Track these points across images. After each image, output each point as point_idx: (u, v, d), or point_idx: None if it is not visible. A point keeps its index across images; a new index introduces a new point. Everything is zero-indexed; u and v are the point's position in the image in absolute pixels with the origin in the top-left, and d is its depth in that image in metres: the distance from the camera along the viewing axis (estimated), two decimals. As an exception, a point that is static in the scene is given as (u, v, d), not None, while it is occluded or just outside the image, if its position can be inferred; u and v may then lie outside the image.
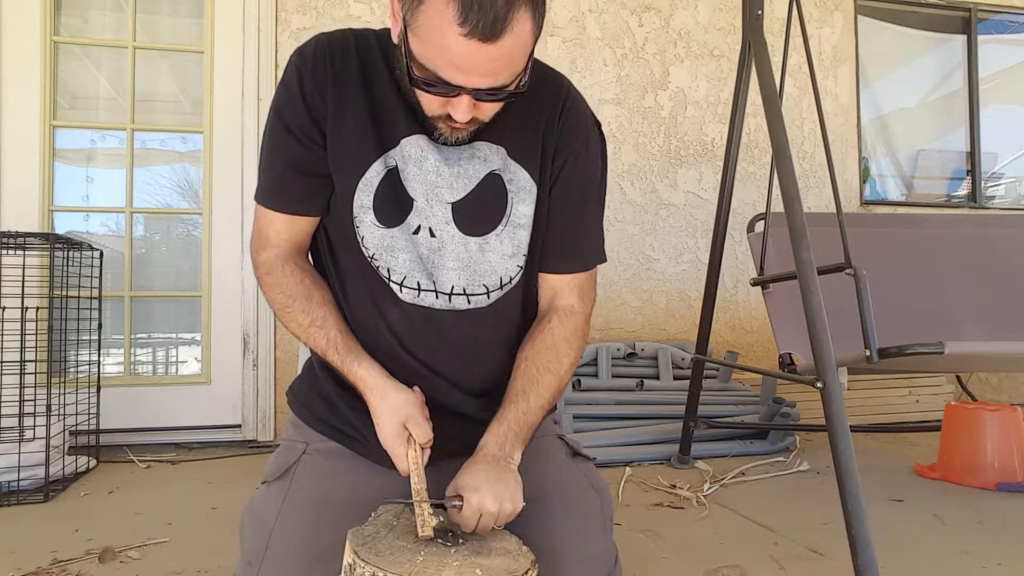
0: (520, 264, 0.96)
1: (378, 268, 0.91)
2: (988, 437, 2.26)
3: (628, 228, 3.26)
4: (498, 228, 0.93)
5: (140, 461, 2.53)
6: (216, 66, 2.86)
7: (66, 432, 2.28)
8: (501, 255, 0.94)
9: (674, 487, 2.18)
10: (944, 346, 1.73)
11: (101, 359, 2.57)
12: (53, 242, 2.20)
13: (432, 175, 0.90)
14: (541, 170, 0.96)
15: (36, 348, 2.18)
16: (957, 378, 3.34)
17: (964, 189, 3.85)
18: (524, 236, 0.95)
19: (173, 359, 3.02)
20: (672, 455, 2.51)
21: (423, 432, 0.85)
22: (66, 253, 2.31)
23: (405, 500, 0.83)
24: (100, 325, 2.53)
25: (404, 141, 0.90)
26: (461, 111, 0.81)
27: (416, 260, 0.91)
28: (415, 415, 0.85)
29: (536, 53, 0.84)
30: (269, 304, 0.95)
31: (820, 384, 1.49)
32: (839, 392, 1.47)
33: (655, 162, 3.30)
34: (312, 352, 0.95)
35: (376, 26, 0.95)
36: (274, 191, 0.93)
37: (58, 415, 2.20)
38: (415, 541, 0.76)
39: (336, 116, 0.90)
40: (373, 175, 0.90)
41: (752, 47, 2.00)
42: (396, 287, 0.91)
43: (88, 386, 2.47)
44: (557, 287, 1.01)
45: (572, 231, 1.00)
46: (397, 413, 0.85)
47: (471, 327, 0.93)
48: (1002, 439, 2.25)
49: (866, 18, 3.67)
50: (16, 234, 2.15)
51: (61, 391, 2.25)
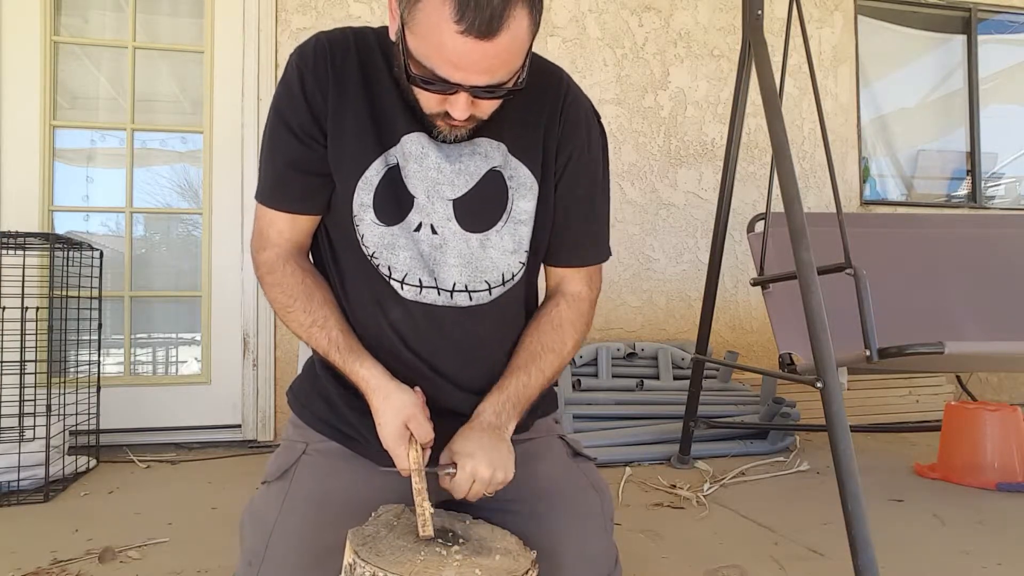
0: (522, 260, 0.96)
1: (378, 266, 0.91)
2: (988, 437, 2.26)
3: (628, 228, 3.26)
4: (499, 224, 0.93)
5: (140, 461, 2.53)
6: (216, 66, 2.86)
7: (66, 432, 2.28)
8: (502, 251, 0.94)
9: (674, 487, 2.18)
10: (944, 346, 1.73)
11: (101, 359, 2.57)
12: (53, 242, 2.20)
13: (433, 172, 0.90)
14: (543, 166, 0.96)
15: (36, 348, 2.18)
16: (957, 378, 3.34)
17: (964, 189, 3.85)
18: (525, 232, 0.95)
19: (173, 359, 3.02)
20: (672, 455, 2.51)
21: (425, 432, 0.85)
22: (66, 253, 2.31)
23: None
24: (100, 325, 2.53)
25: (404, 138, 0.90)
26: (459, 109, 0.81)
27: (417, 257, 0.91)
28: (417, 415, 0.85)
29: (535, 53, 0.84)
30: (270, 304, 0.95)
31: (820, 384, 1.49)
32: (839, 392, 1.47)
33: (655, 162, 3.30)
34: (313, 352, 0.95)
35: (376, 26, 0.95)
36: (275, 190, 0.93)
37: (58, 415, 2.20)
38: (415, 541, 0.77)
39: (336, 115, 0.90)
40: (373, 173, 0.90)
41: (752, 47, 2.00)
42: (397, 285, 0.91)
43: (88, 386, 2.47)
44: (565, 275, 1.03)
45: (581, 225, 1.01)
46: (399, 413, 0.85)
47: (473, 324, 0.93)
48: (1002, 439, 2.25)
49: (866, 18, 3.67)
50: (16, 234, 2.15)
51: (61, 391, 2.25)
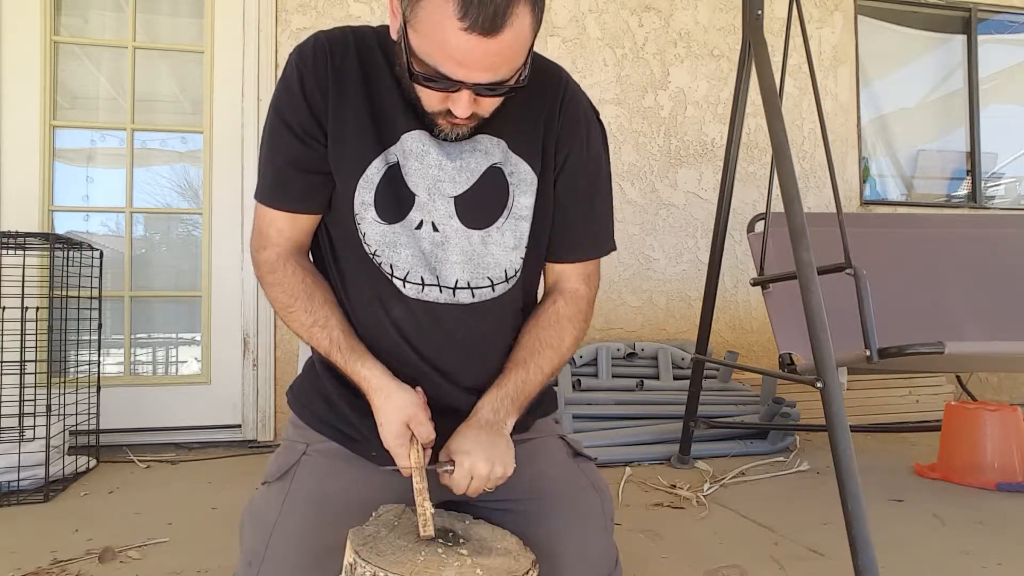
0: (522, 256, 0.96)
1: (380, 265, 0.91)
2: (988, 437, 2.26)
3: (628, 228, 3.26)
4: (499, 221, 0.94)
5: (140, 461, 2.53)
6: (216, 66, 2.86)
7: (66, 432, 2.28)
8: (503, 247, 0.94)
9: (674, 487, 2.18)
10: (944, 346, 1.73)
11: (101, 359, 2.57)
12: (53, 242, 2.20)
13: (434, 169, 0.91)
14: (543, 162, 0.96)
15: (36, 348, 2.18)
16: (957, 378, 3.34)
17: (964, 189, 3.85)
18: (525, 228, 0.95)
19: (173, 359, 3.02)
20: (672, 455, 2.51)
21: (426, 432, 0.85)
22: (66, 253, 2.31)
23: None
24: (100, 325, 2.53)
25: (405, 136, 0.90)
26: (461, 106, 0.81)
27: (419, 255, 0.91)
28: (418, 415, 0.85)
29: (536, 52, 0.84)
30: (271, 304, 0.95)
31: (820, 384, 1.49)
32: (839, 392, 1.47)
33: (655, 162, 3.30)
34: (314, 352, 0.95)
35: (375, 25, 0.95)
36: (275, 189, 0.93)
37: (58, 415, 2.20)
38: (416, 541, 0.77)
39: (336, 114, 0.90)
40: (374, 172, 0.90)
41: (752, 47, 2.00)
42: (399, 283, 0.91)
43: (88, 386, 2.47)
44: (563, 272, 1.03)
45: (582, 222, 1.01)
46: (400, 413, 0.85)
47: (475, 321, 0.93)
48: (1002, 439, 2.25)
49: (866, 18, 3.67)
50: (16, 234, 2.15)
51: (61, 391, 2.25)
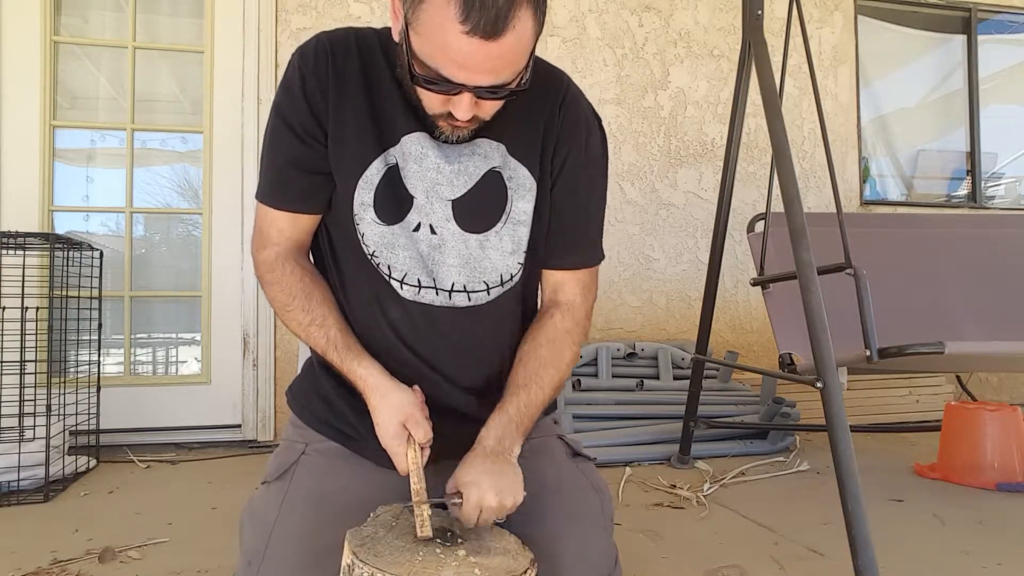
0: (520, 261, 0.96)
1: (378, 265, 0.91)
2: (988, 437, 2.26)
3: (628, 228, 3.26)
4: (498, 225, 0.93)
5: (140, 461, 2.53)
6: (216, 66, 2.86)
7: (66, 432, 2.28)
8: (501, 252, 0.94)
9: (674, 487, 2.18)
10: (944, 346, 1.73)
11: (101, 359, 2.57)
12: (53, 242, 2.20)
13: (432, 172, 0.90)
14: (541, 167, 0.96)
15: (36, 348, 2.18)
16: (957, 378, 3.34)
17: (964, 189, 3.85)
18: (524, 233, 0.95)
19: (173, 359, 3.02)
20: (672, 455, 2.51)
21: (423, 432, 0.85)
22: (66, 253, 2.31)
23: (404, 502, 0.83)
24: (100, 325, 2.53)
25: (405, 139, 0.90)
26: (462, 109, 0.81)
27: (416, 257, 0.91)
28: (415, 414, 0.85)
29: (536, 53, 0.84)
30: (269, 302, 0.95)
31: (820, 384, 1.49)
32: (839, 392, 1.47)
33: (655, 162, 3.30)
34: (312, 351, 0.95)
35: (376, 26, 0.95)
36: (275, 189, 0.93)
37: (58, 415, 2.20)
38: (414, 541, 0.76)
39: (337, 114, 0.90)
40: (373, 173, 0.90)
41: (752, 47, 2.00)
42: (397, 284, 0.91)
43: (88, 386, 2.47)
44: (559, 282, 1.01)
45: (576, 227, 1.00)
46: (397, 412, 0.85)
47: (471, 324, 0.93)
48: (1002, 439, 2.25)
49: (866, 18, 3.67)
50: (16, 234, 2.15)
51: (61, 391, 2.25)
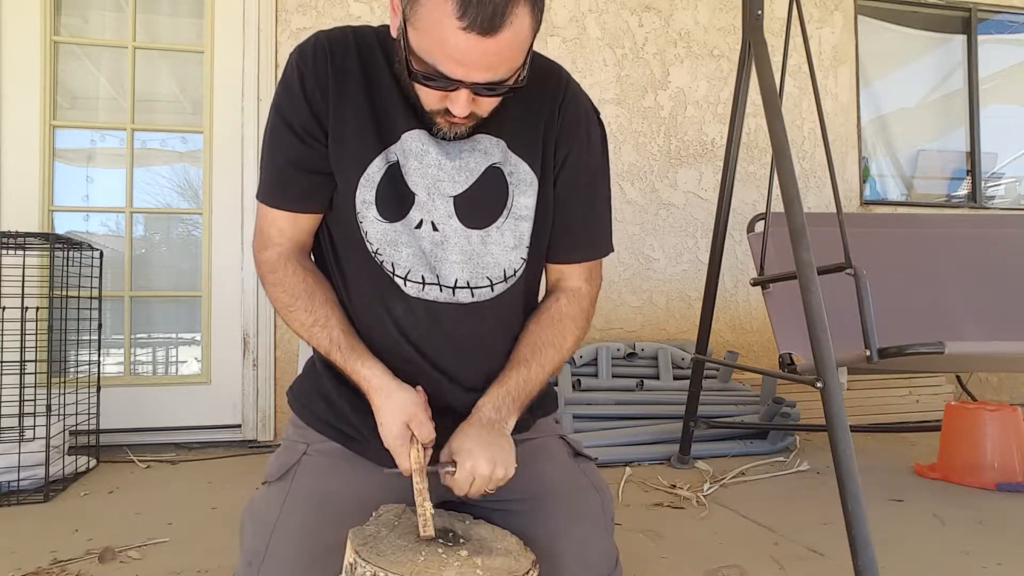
0: (523, 256, 0.96)
1: (382, 263, 0.91)
2: (988, 437, 2.26)
3: (628, 228, 3.26)
4: (499, 221, 0.94)
5: (140, 461, 2.53)
6: (216, 66, 2.86)
7: (66, 432, 2.28)
8: (503, 247, 0.94)
9: (674, 487, 2.18)
10: (944, 346, 1.73)
11: (101, 359, 2.57)
12: (53, 242, 2.20)
13: (433, 169, 0.91)
14: (542, 162, 0.96)
15: (36, 348, 2.18)
16: (957, 378, 3.34)
17: (964, 189, 3.85)
18: (526, 228, 0.95)
19: (173, 359, 3.02)
20: (672, 455, 2.51)
21: (426, 432, 0.85)
22: (66, 253, 2.31)
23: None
24: (100, 325, 2.52)
25: (405, 136, 0.90)
26: (460, 105, 0.81)
27: (419, 254, 0.91)
28: (418, 415, 0.85)
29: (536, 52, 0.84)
30: (272, 303, 0.95)
31: (820, 384, 1.49)
32: (839, 392, 1.47)
33: (655, 162, 3.30)
34: (314, 351, 0.95)
35: (376, 25, 0.95)
36: (276, 189, 0.93)
37: (58, 415, 2.20)
38: (416, 541, 0.77)
39: (337, 113, 0.90)
40: (375, 170, 0.90)
41: (752, 47, 2.00)
42: (401, 281, 0.91)
43: (88, 386, 2.47)
44: (565, 271, 1.03)
45: (581, 221, 1.01)
46: (400, 412, 0.85)
47: (474, 321, 0.93)
48: (1002, 439, 2.25)
49: (866, 18, 3.67)
50: (16, 234, 2.15)
51: (61, 391, 2.25)
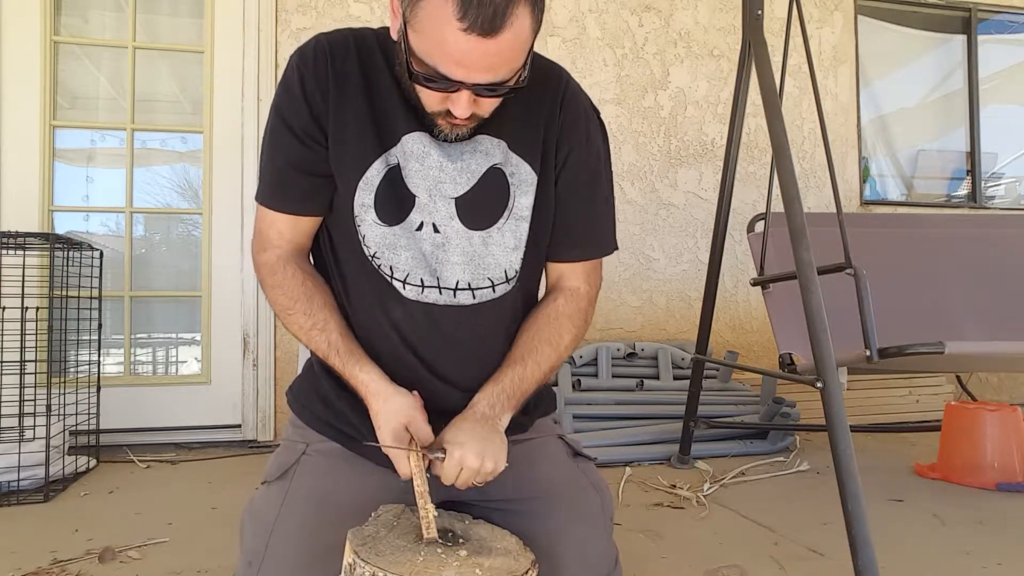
0: (521, 257, 0.96)
1: (380, 266, 0.91)
2: (988, 437, 2.26)
3: (628, 228, 3.26)
4: (500, 221, 0.94)
5: (140, 461, 2.53)
6: (216, 66, 2.86)
7: (66, 432, 2.28)
8: (504, 248, 0.94)
9: (674, 487, 2.18)
10: (944, 346, 1.73)
11: (101, 359, 2.57)
12: (53, 242, 2.20)
13: (435, 171, 0.91)
14: (543, 162, 0.96)
15: (36, 348, 2.18)
16: (957, 378, 3.34)
17: (964, 189, 3.85)
18: (524, 228, 0.95)
19: (173, 359, 3.02)
20: (672, 455, 2.51)
21: (424, 436, 0.85)
22: (66, 253, 2.31)
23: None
24: (100, 325, 2.52)
25: (405, 138, 0.90)
26: (461, 107, 0.81)
27: (419, 257, 0.91)
28: (416, 418, 0.86)
29: (536, 52, 0.84)
30: (271, 306, 0.95)
31: (820, 384, 1.49)
32: (839, 392, 1.47)
33: (655, 162, 3.30)
34: (312, 353, 0.95)
35: (376, 26, 0.95)
36: (275, 191, 0.93)
37: (58, 415, 2.20)
38: (415, 541, 0.77)
39: (337, 116, 0.90)
40: (374, 174, 0.90)
41: (752, 47, 2.00)
42: (399, 284, 0.91)
43: (88, 386, 2.47)
44: (564, 271, 1.03)
45: (582, 220, 1.01)
46: (398, 417, 0.85)
47: (474, 323, 0.94)
48: (1002, 439, 2.25)
49: (866, 18, 3.67)
50: (16, 234, 2.15)
51: (61, 391, 2.25)
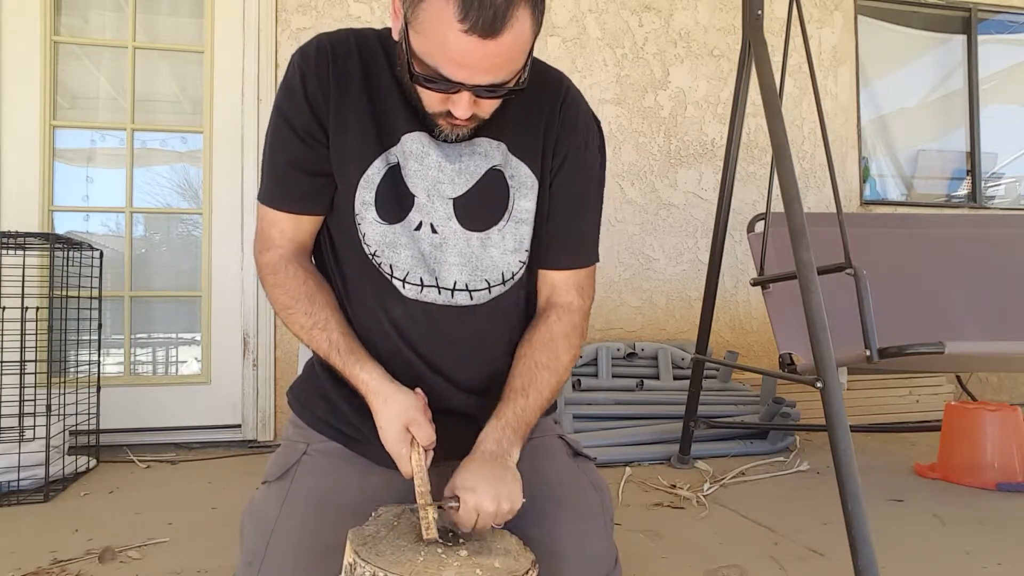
0: (523, 260, 0.96)
1: (380, 265, 0.91)
2: (988, 437, 2.26)
3: (628, 228, 3.26)
4: (500, 223, 0.94)
5: (140, 461, 2.53)
6: (216, 66, 2.86)
7: (66, 432, 2.28)
8: (503, 250, 0.94)
9: (674, 487, 2.18)
10: (944, 346, 1.73)
11: (101, 359, 2.57)
12: (53, 242, 2.20)
13: (434, 171, 0.91)
14: (542, 166, 0.96)
15: (36, 348, 2.18)
16: (957, 378, 3.34)
17: (964, 189, 3.85)
18: (526, 231, 0.95)
19: (173, 359, 3.02)
20: (672, 455, 2.51)
21: (426, 435, 0.85)
22: (66, 253, 2.31)
23: (406, 503, 0.83)
24: (100, 325, 2.52)
25: (405, 138, 0.90)
26: (461, 108, 0.81)
27: (418, 256, 0.91)
28: (418, 417, 0.85)
29: (536, 53, 0.84)
30: (272, 305, 0.95)
31: (820, 384, 1.49)
32: (839, 392, 1.47)
33: (655, 162, 3.30)
34: (314, 353, 0.95)
35: (376, 26, 0.95)
36: (277, 190, 0.93)
37: (58, 415, 2.20)
38: (416, 541, 0.76)
39: (338, 115, 0.90)
40: (374, 172, 0.90)
41: (752, 47, 2.00)
42: (399, 283, 0.91)
43: (88, 386, 2.47)
44: (556, 283, 1.01)
45: (573, 227, 1.00)
46: (400, 416, 0.85)
47: (472, 323, 0.94)
48: (1002, 439, 2.25)
49: (866, 18, 3.67)
50: (16, 234, 2.15)
51: (61, 391, 2.25)
